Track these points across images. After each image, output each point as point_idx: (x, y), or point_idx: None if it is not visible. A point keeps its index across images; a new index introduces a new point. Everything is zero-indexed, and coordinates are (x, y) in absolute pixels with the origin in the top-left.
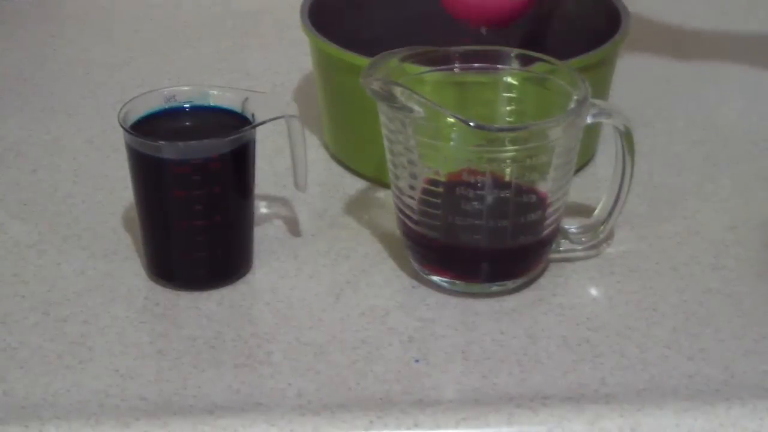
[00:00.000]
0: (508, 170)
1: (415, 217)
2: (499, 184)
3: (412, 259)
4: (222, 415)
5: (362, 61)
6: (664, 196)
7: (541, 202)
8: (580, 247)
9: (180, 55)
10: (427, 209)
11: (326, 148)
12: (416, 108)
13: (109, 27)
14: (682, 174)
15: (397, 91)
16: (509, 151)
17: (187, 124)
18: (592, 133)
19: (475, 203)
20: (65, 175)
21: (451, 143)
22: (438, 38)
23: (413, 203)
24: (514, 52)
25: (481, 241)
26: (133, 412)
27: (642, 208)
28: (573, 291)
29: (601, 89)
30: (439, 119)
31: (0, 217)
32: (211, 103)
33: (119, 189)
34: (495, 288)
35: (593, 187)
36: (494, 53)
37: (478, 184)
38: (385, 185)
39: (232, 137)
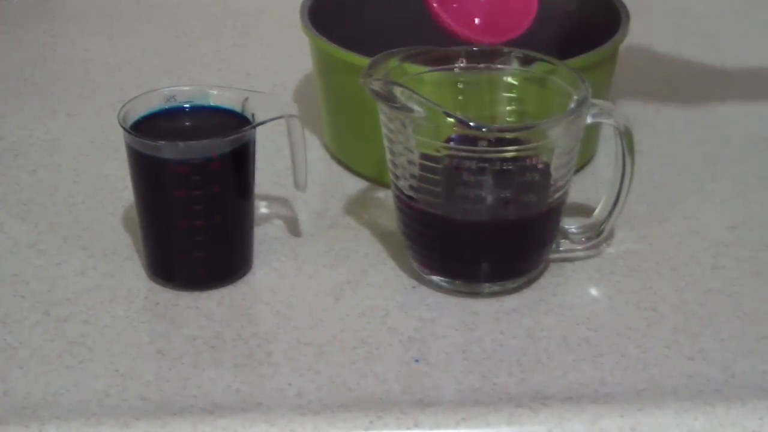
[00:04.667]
0: (508, 170)
1: (415, 216)
2: (500, 184)
3: (412, 259)
4: (222, 415)
5: (362, 61)
6: (664, 196)
7: (541, 202)
8: (580, 247)
9: (180, 55)
10: (426, 209)
11: (326, 148)
12: (416, 108)
13: (109, 27)
14: (682, 174)
15: (397, 91)
16: (509, 151)
17: (187, 124)
18: (592, 133)
19: (476, 203)
20: (65, 175)
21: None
22: (438, 38)
23: (413, 203)
24: (514, 52)
25: (481, 240)
26: (133, 412)
27: (642, 208)
28: (573, 291)
29: (601, 89)
30: (439, 119)
31: (0, 217)
32: (211, 103)
33: (119, 189)
34: (495, 288)
35: (593, 187)
36: (494, 53)
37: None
38: (385, 185)
39: (232, 137)
